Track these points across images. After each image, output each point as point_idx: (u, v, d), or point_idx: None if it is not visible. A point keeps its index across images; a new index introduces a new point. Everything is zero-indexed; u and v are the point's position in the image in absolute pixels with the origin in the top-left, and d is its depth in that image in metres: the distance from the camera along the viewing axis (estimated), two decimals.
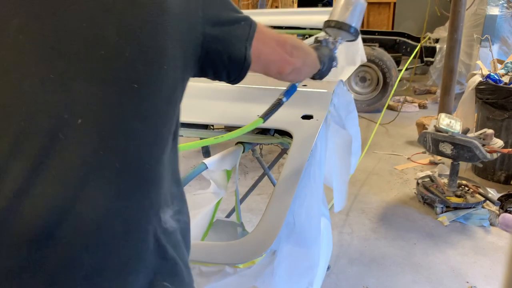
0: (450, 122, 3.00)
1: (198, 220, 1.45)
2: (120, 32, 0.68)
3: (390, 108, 5.62)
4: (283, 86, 1.95)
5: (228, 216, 2.43)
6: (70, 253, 0.65)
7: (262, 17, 4.25)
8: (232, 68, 0.86)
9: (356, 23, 1.32)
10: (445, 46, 4.22)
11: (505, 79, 3.46)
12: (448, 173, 3.20)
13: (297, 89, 1.73)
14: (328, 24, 1.32)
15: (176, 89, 0.77)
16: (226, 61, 0.83)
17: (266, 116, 1.25)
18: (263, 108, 1.65)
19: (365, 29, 7.77)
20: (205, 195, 1.51)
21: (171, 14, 0.72)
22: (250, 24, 0.86)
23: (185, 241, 0.84)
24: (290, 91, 1.26)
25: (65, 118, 0.64)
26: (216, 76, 0.88)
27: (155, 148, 0.75)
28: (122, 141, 0.70)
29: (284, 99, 1.26)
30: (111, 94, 0.68)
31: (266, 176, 2.22)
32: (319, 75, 1.21)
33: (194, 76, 0.83)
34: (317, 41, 1.29)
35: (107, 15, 0.67)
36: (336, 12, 1.33)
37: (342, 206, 1.76)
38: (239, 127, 1.65)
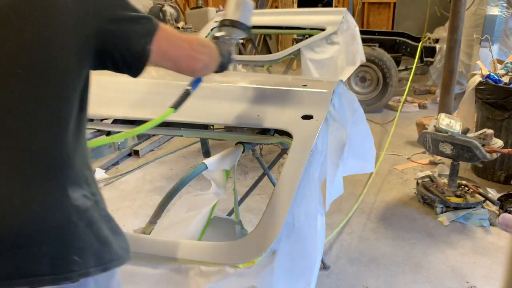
0: (450, 122, 3.01)
1: (197, 220, 1.45)
2: (2, 24, 0.79)
3: (390, 108, 5.63)
4: (284, 86, 1.95)
5: (229, 215, 2.43)
6: None
7: (262, 17, 4.26)
8: (131, 60, 0.97)
9: (246, 21, 1.47)
10: (445, 46, 4.22)
11: (505, 79, 3.46)
12: (448, 173, 3.20)
13: (294, 89, 1.74)
14: (223, 23, 1.45)
15: (68, 75, 0.86)
16: (125, 54, 0.95)
17: (177, 105, 1.31)
18: (263, 108, 1.65)
19: (365, 29, 7.78)
20: (205, 196, 1.52)
21: (59, 8, 0.84)
22: (152, 23, 0.99)
23: (103, 217, 0.96)
24: (196, 82, 1.35)
25: None
26: (116, 68, 0.98)
27: (52, 131, 0.84)
28: (12, 124, 0.80)
29: (191, 90, 1.34)
30: None
31: (266, 176, 2.22)
32: (221, 68, 1.32)
33: (96, 67, 0.94)
34: (215, 37, 1.42)
35: None
36: (228, 12, 1.46)
37: (328, 204, 1.76)
38: (239, 127, 1.66)
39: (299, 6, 8.22)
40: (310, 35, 3.63)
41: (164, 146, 4.60)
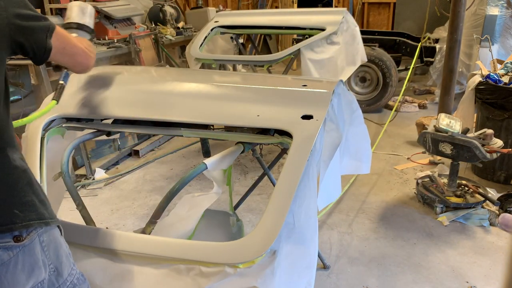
0: (450, 122, 3.01)
1: (196, 220, 1.45)
2: None
3: (390, 108, 5.62)
4: (284, 86, 1.95)
5: None
6: None
7: (262, 17, 4.26)
8: (37, 50, 1.15)
9: (91, 24, 1.64)
10: (445, 46, 4.22)
11: (505, 79, 3.46)
12: (448, 173, 3.21)
13: (294, 89, 1.74)
14: (69, 26, 1.58)
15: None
16: (32, 45, 1.13)
17: (58, 98, 1.47)
18: (263, 108, 1.65)
19: (365, 29, 7.78)
20: (206, 196, 1.52)
21: None
22: (49, 23, 1.17)
23: (38, 183, 1.10)
24: (66, 76, 1.51)
25: None
26: (24, 54, 1.15)
27: None
28: None
29: (64, 83, 1.50)
30: None
31: (266, 176, 2.22)
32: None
33: (12, 54, 1.11)
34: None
35: None
36: (73, 16, 1.60)
37: (326, 204, 1.76)
38: (239, 127, 1.66)
39: (299, 6, 8.22)
40: (310, 35, 3.63)
41: (164, 146, 4.60)
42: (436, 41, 6.25)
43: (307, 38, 3.60)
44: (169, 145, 4.64)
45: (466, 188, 3.13)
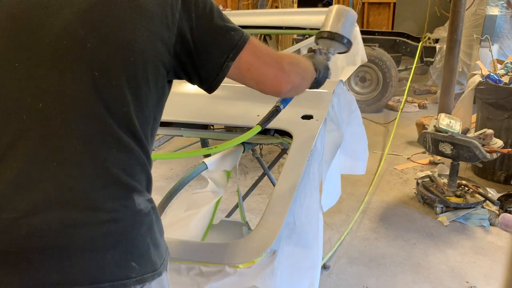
0: (450, 122, 3.01)
1: (198, 220, 1.45)
2: (84, 25, 0.79)
3: (390, 108, 5.62)
4: None
5: (228, 216, 2.43)
6: None
7: (262, 17, 4.25)
8: (206, 75, 0.93)
9: (348, 34, 1.34)
10: (445, 46, 4.22)
11: (505, 79, 3.46)
12: (448, 173, 3.20)
13: None
14: (320, 35, 1.32)
15: (148, 82, 0.84)
16: (199, 67, 0.92)
17: (264, 123, 1.28)
18: (263, 108, 1.65)
19: (365, 29, 7.77)
20: (204, 194, 1.51)
21: (143, 13, 0.82)
22: (241, 35, 0.94)
23: (158, 219, 0.94)
24: (287, 99, 1.29)
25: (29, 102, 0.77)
26: (189, 79, 0.96)
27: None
28: (83, 126, 0.78)
29: (281, 107, 1.29)
30: (72, 80, 0.78)
31: (266, 176, 2.22)
32: (316, 84, 1.23)
33: (177, 77, 0.93)
34: (311, 50, 1.31)
35: (73, 10, 0.79)
36: (328, 23, 1.32)
37: (331, 205, 1.75)
38: (239, 127, 1.66)
39: (299, 6, 8.21)
40: (310, 35, 3.62)
41: (164, 146, 4.60)
42: (436, 41, 6.25)
43: (307, 38, 3.60)
44: (169, 145, 4.64)
45: (466, 188, 3.13)
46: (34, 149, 0.76)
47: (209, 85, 0.96)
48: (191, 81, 0.96)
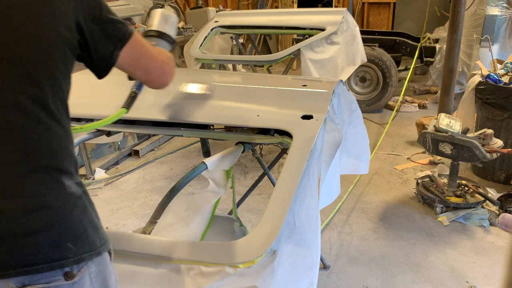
0: (450, 122, 3.01)
1: (197, 220, 1.45)
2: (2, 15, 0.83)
3: (390, 108, 5.62)
4: (284, 86, 1.95)
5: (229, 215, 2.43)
6: None
7: (262, 17, 4.26)
8: (98, 62, 1.01)
9: (173, 34, 1.48)
10: (445, 46, 4.22)
11: (505, 79, 3.46)
12: (448, 173, 3.20)
13: (294, 89, 1.73)
14: (149, 34, 1.44)
15: (58, 67, 0.90)
16: (93, 54, 1.00)
17: (128, 106, 1.36)
18: (263, 108, 1.65)
19: (365, 29, 7.78)
20: (204, 194, 1.51)
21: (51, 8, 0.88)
22: (126, 29, 1.03)
23: (91, 203, 0.98)
24: (141, 85, 1.38)
25: None
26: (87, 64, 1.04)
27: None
28: (1, 115, 0.82)
29: (138, 91, 1.38)
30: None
31: (266, 176, 2.22)
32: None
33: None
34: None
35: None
36: (154, 23, 1.45)
37: (326, 204, 1.76)
38: (239, 127, 1.66)
39: (299, 6, 8.22)
40: (310, 35, 3.63)
41: (164, 146, 4.60)
42: (436, 41, 6.25)
43: (307, 38, 3.60)
44: (169, 145, 4.64)
45: (466, 188, 3.13)
46: None
47: (100, 71, 1.04)
48: (86, 65, 1.04)
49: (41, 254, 0.84)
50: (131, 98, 1.37)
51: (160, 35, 1.42)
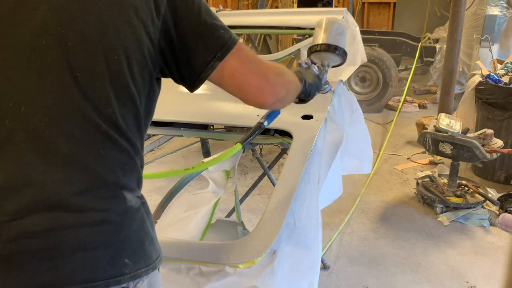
0: (450, 122, 3.00)
1: (197, 220, 1.45)
2: (61, 22, 0.76)
3: (390, 108, 5.62)
4: None
5: (228, 216, 2.43)
6: None
7: (262, 17, 4.25)
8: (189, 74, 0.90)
9: (342, 44, 1.27)
10: (445, 46, 4.22)
11: (505, 79, 3.46)
12: (448, 173, 3.20)
13: None
14: (314, 49, 1.25)
15: (134, 80, 0.82)
16: (182, 65, 0.89)
17: (245, 141, 1.25)
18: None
19: (365, 29, 7.77)
20: (204, 194, 1.51)
21: (125, 8, 0.80)
22: (230, 36, 0.89)
23: (149, 215, 0.93)
24: (272, 115, 1.25)
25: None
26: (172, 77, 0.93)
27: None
28: (68, 129, 0.77)
29: (265, 123, 1.25)
30: (52, 82, 0.76)
31: (266, 176, 2.22)
32: (304, 95, 1.17)
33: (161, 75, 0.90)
34: (299, 65, 1.26)
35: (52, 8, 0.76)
36: (318, 37, 1.27)
37: (327, 204, 1.75)
38: (239, 127, 1.66)
39: (299, 6, 8.21)
40: (310, 35, 3.62)
41: (164, 146, 4.60)
42: (436, 41, 6.25)
43: (307, 38, 3.60)
44: (169, 145, 4.63)
45: (466, 188, 3.13)
46: (19, 154, 0.75)
47: (191, 84, 0.93)
48: (174, 79, 0.93)
49: (99, 270, 0.79)
50: (254, 131, 1.21)
51: (326, 48, 1.23)
